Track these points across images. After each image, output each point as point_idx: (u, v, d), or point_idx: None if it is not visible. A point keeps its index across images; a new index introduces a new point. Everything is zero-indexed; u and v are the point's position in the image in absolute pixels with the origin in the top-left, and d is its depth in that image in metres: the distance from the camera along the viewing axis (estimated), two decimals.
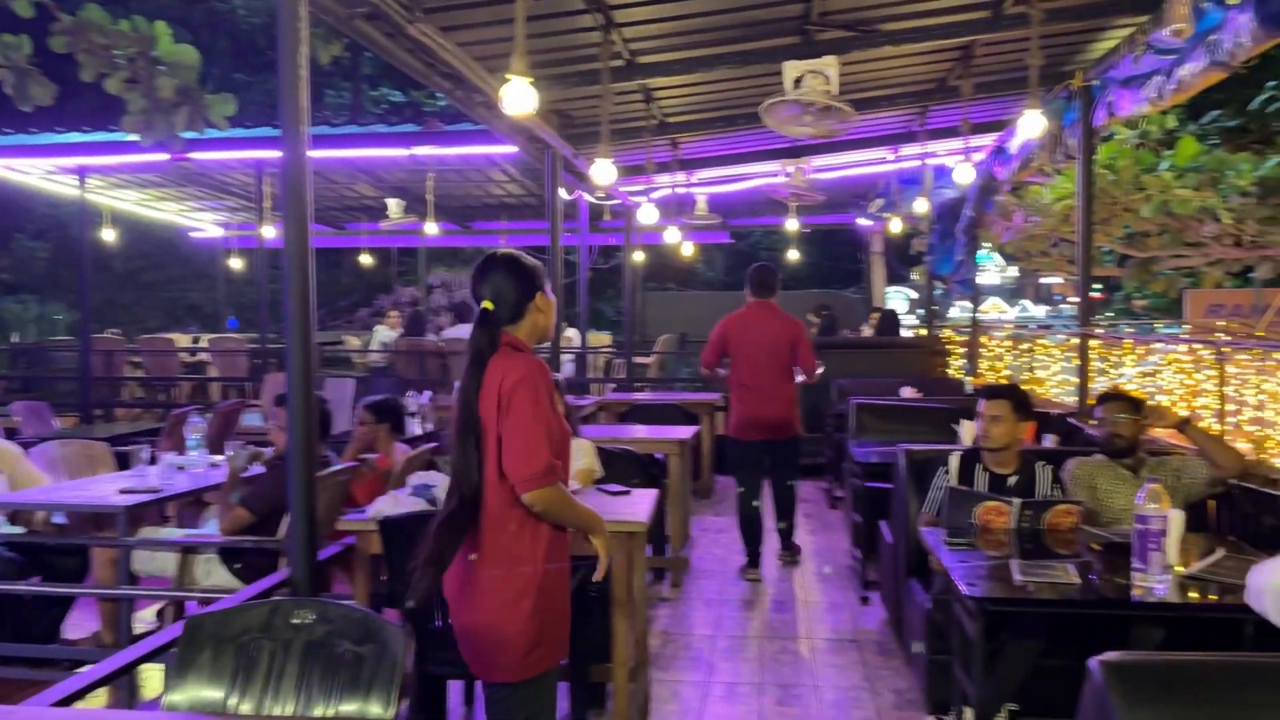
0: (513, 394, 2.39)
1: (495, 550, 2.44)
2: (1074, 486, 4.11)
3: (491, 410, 2.40)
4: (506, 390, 2.40)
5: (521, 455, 2.37)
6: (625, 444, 5.74)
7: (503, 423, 2.39)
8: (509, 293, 2.54)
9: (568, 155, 7.10)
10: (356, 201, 14.28)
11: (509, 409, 2.39)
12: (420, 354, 10.99)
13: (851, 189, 12.87)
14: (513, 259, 2.59)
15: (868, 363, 9.95)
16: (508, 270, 2.56)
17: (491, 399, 2.40)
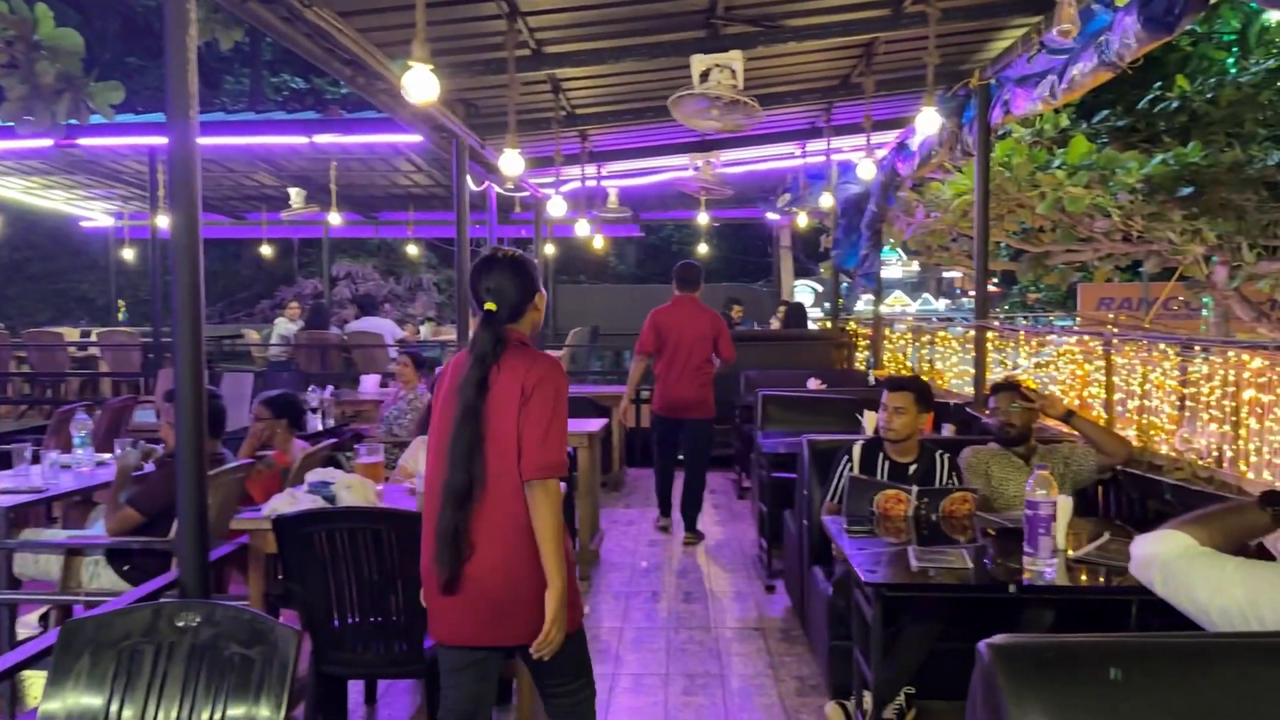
0: (536, 389, 2.51)
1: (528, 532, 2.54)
2: (969, 474, 4.23)
3: (513, 404, 2.50)
4: (530, 385, 2.51)
5: (540, 444, 2.49)
6: None
7: (527, 415, 2.49)
8: (511, 292, 2.61)
9: (475, 145, 7.00)
10: (256, 191, 13.87)
11: (531, 401, 2.50)
12: (323, 347, 10.73)
13: (760, 184, 13.04)
14: (515, 260, 2.66)
15: (775, 355, 10.08)
16: (511, 270, 2.63)
17: (514, 393, 2.51)
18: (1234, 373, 4.27)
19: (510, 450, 2.49)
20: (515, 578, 2.54)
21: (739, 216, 16.10)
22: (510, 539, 2.52)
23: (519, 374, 2.52)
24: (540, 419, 2.49)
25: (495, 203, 10.41)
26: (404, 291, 18.36)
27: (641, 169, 10.31)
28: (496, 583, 2.53)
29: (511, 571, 2.53)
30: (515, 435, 2.49)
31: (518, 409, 2.49)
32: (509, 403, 2.50)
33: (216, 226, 16.56)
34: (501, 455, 2.50)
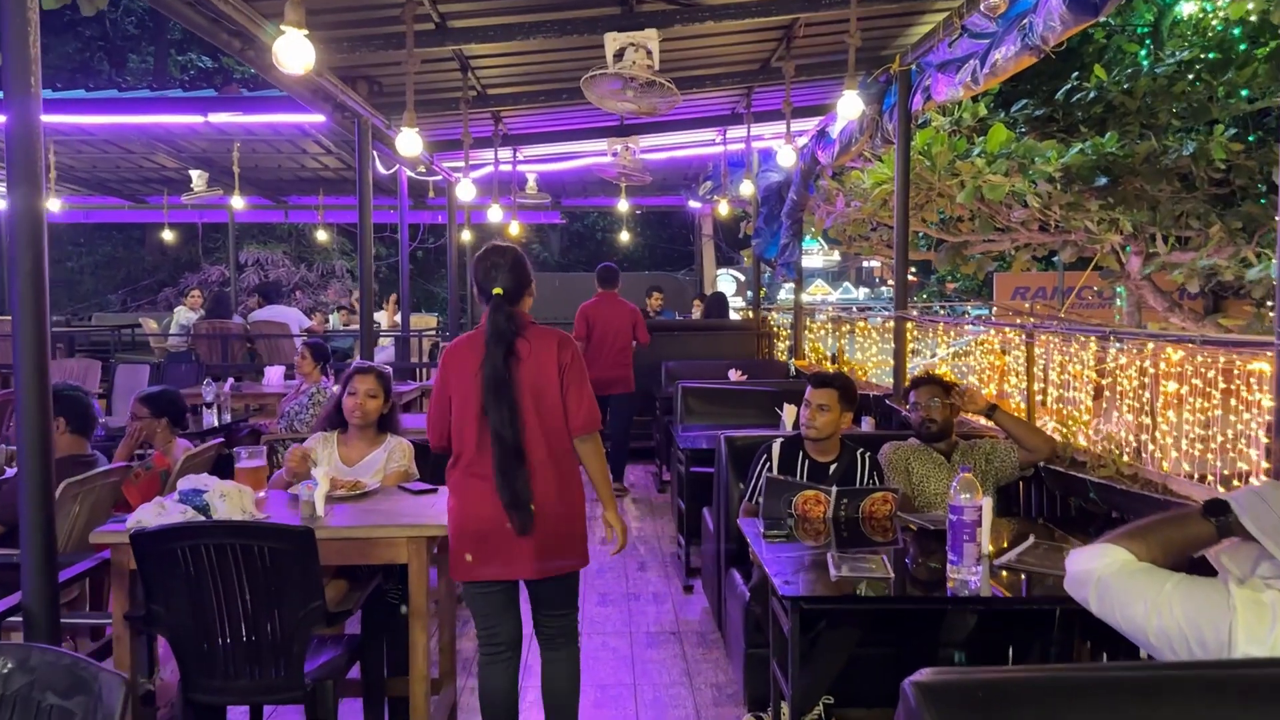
0: (572, 363, 3.10)
1: (571, 476, 3.14)
2: (889, 471, 4.08)
3: (554, 375, 3.06)
4: (566, 360, 3.09)
5: (586, 408, 3.11)
6: None
7: (569, 384, 3.08)
8: (512, 280, 3.11)
9: (379, 125, 6.64)
10: (156, 173, 13.18)
11: (569, 373, 3.09)
12: (224, 337, 10.22)
13: (682, 171, 12.84)
14: (519, 252, 3.20)
15: (696, 345, 9.92)
16: (512, 261, 3.14)
17: (552, 366, 3.06)
18: (1151, 365, 4.20)
19: (557, 412, 3.07)
20: (570, 517, 3.12)
21: (661, 204, 15.90)
22: (561, 487, 3.09)
23: (553, 350, 3.09)
24: (582, 388, 3.11)
25: (407, 187, 10.02)
26: (316, 279, 17.75)
27: (559, 154, 10.02)
28: (557, 522, 3.07)
29: (567, 512, 3.11)
30: (560, 400, 3.07)
31: (559, 379, 3.07)
32: (549, 373, 3.06)
33: (116, 210, 15.81)
34: (550, 417, 3.07)
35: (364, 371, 4.12)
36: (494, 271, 3.11)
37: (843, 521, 3.60)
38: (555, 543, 3.08)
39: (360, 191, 6.19)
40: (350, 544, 3.21)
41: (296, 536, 2.86)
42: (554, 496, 3.06)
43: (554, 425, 3.08)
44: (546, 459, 3.06)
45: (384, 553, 3.22)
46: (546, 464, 3.06)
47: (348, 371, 4.18)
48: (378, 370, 4.15)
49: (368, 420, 4.11)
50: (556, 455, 3.09)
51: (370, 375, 4.10)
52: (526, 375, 3.03)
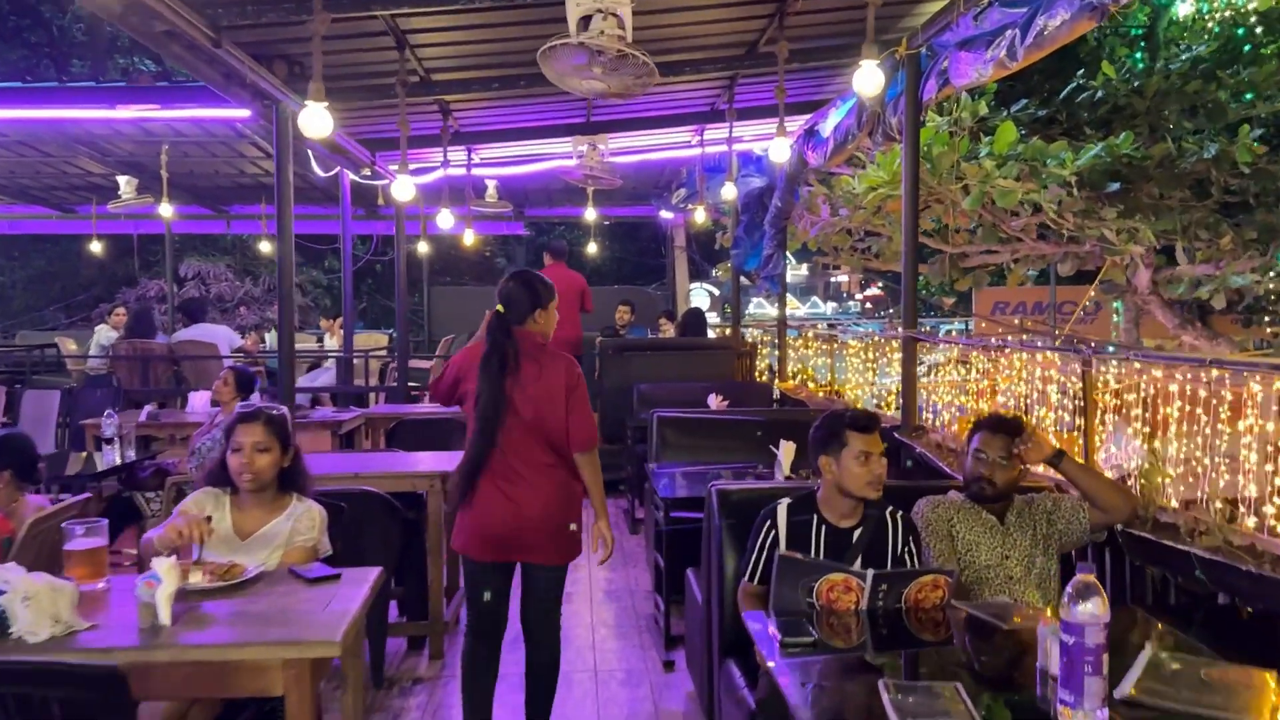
0: (577, 385, 3.48)
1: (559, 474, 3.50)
2: (928, 537, 3.21)
3: (561, 394, 3.44)
4: (573, 382, 3.47)
5: (587, 428, 3.49)
6: (368, 481, 4.49)
7: (573, 403, 3.45)
8: (516, 300, 3.46)
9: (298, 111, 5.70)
10: (82, 179, 12.13)
11: (575, 395, 3.46)
12: (145, 359, 9.19)
13: (654, 178, 11.99)
14: (527, 276, 3.53)
15: (671, 366, 9.03)
16: (521, 284, 3.49)
17: (560, 385, 3.45)
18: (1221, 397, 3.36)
19: (560, 427, 3.44)
20: (552, 515, 3.47)
21: (631, 215, 15.03)
22: (551, 488, 3.46)
23: (562, 372, 3.46)
24: (584, 410, 3.47)
25: (349, 192, 9.07)
26: (262, 294, 16.66)
27: (519, 155, 9.10)
28: (542, 517, 3.45)
29: (550, 511, 3.46)
30: (564, 416, 3.43)
31: (565, 398, 3.43)
32: (557, 392, 3.43)
33: (43, 220, 14.67)
34: (553, 431, 3.44)
35: (249, 419, 3.19)
36: (503, 288, 3.49)
37: (881, 615, 2.72)
38: (547, 539, 3.47)
39: (279, 190, 5.26)
40: (200, 670, 2.28)
41: (98, 681, 1.93)
42: (552, 497, 3.46)
43: (555, 438, 3.45)
44: (528, 466, 3.44)
45: (249, 682, 2.29)
46: (539, 472, 3.45)
47: (228, 420, 3.26)
48: (267, 415, 3.23)
49: (261, 482, 3.19)
50: (539, 465, 3.44)
51: (258, 423, 3.18)
52: (536, 393, 3.40)
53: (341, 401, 9.27)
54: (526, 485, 3.42)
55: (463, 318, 14.00)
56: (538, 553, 3.48)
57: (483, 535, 3.45)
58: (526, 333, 3.45)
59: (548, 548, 3.48)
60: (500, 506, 3.42)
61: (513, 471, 3.41)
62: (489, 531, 3.44)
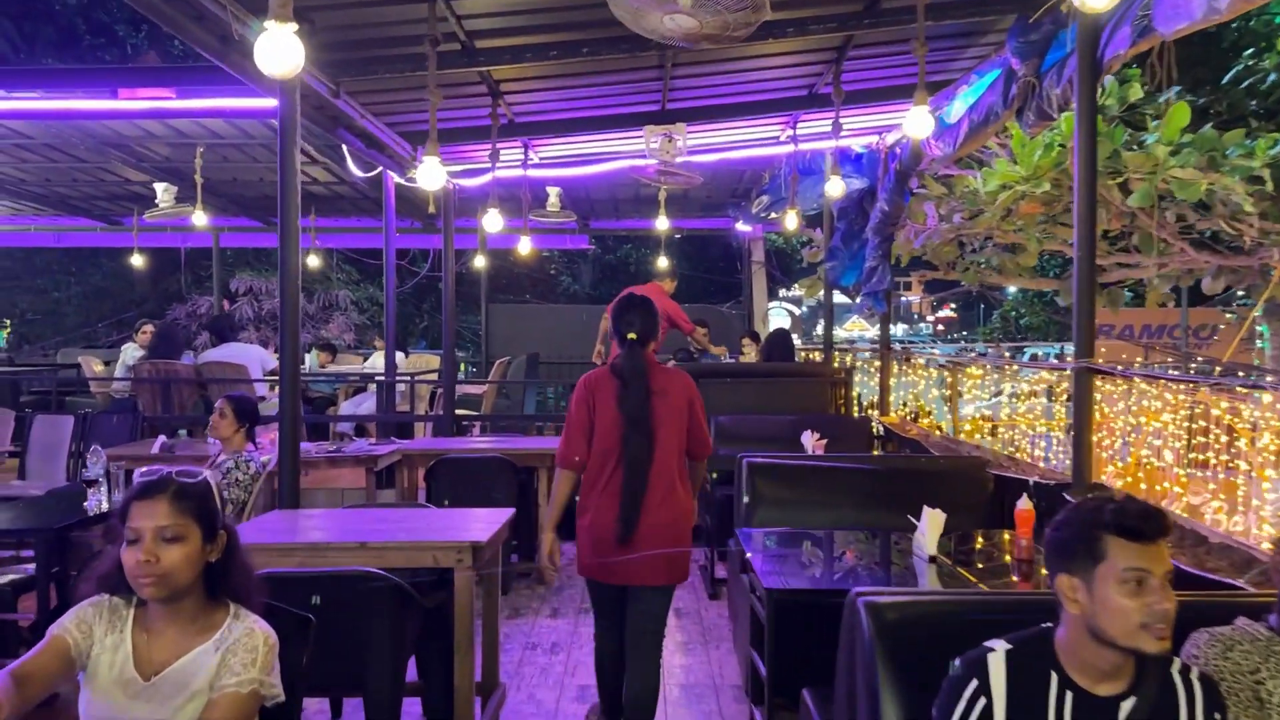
0: (695, 400, 3.72)
1: (684, 494, 3.67)
2: (1231, 700, 1.97)
3: (684, 410, 3.65)
4: (693, 398, 3.71)
5: (706, 436, 3.75)
6: (375, 555, 3.38)
7: (695, 418, 3.70)
8: (643, 326, 3.68)
9: (321, 91, 4.66)
10: (121, 188, 11.40)
11: (694, 409, 3.70)
12: (167, 381, 8.27)
13: (729, 185, 10.83)
14: (649, 302, 3.77)
15: (753, 396, 7.82)
16: (643, 310, 3.72)
17: (684, 402, 3.65)
18: None
19: (680, 441, 3.64)
20: (678, 536, 3.62)
21: (705, 227, 13.90)
22: (675, 505, 3.62)
23: (684, 391, 3.68)
24: (702, 422, 3.74)
25: (394, 196, 8.06)
26: (316, 311, 15.85)
27: (582, 155, 7.99)
28: (667, 535, 3.56)
29: (675, 531, 3.61)
30: (685, 431, 3.65)
31: (687, 413, 3.66)
32: (680, 409, 3.64)
33: (89, 233, 14.06)
34: (673, 446, 3.61)
35: (149, 492, 2.10)
36: (629, 315, 3.66)
37: None
38: (660, 561, 3.56)
39: (282, 192, 4.19)
40: None
41: None
42: (668, 516, 3.56)
43: (674, 459, 3.60)
44: (665, 483, 3.56)
45: None
46: (665, 487, 3.56)
47: (124, 497, 2.16)
48: (178, 486, 2.12)
49: (169, 588, 2.09)
50: (671, 485, 3.58)
51: (162, 499, 2.09)
52: (661, 409, 3.56)
53: (385, 432, 8.24)
54: (659, 505, 3.54)
55: (522, 338, 12.96)
56: (658, 574, 3.57)
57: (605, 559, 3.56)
58: (649, 355, 3.66)
59: (666, 568, 3.58)
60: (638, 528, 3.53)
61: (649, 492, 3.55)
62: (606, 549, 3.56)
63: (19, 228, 13.54)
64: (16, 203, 12.26)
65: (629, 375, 3.54)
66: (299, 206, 4.34)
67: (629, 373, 3.55)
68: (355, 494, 7.38)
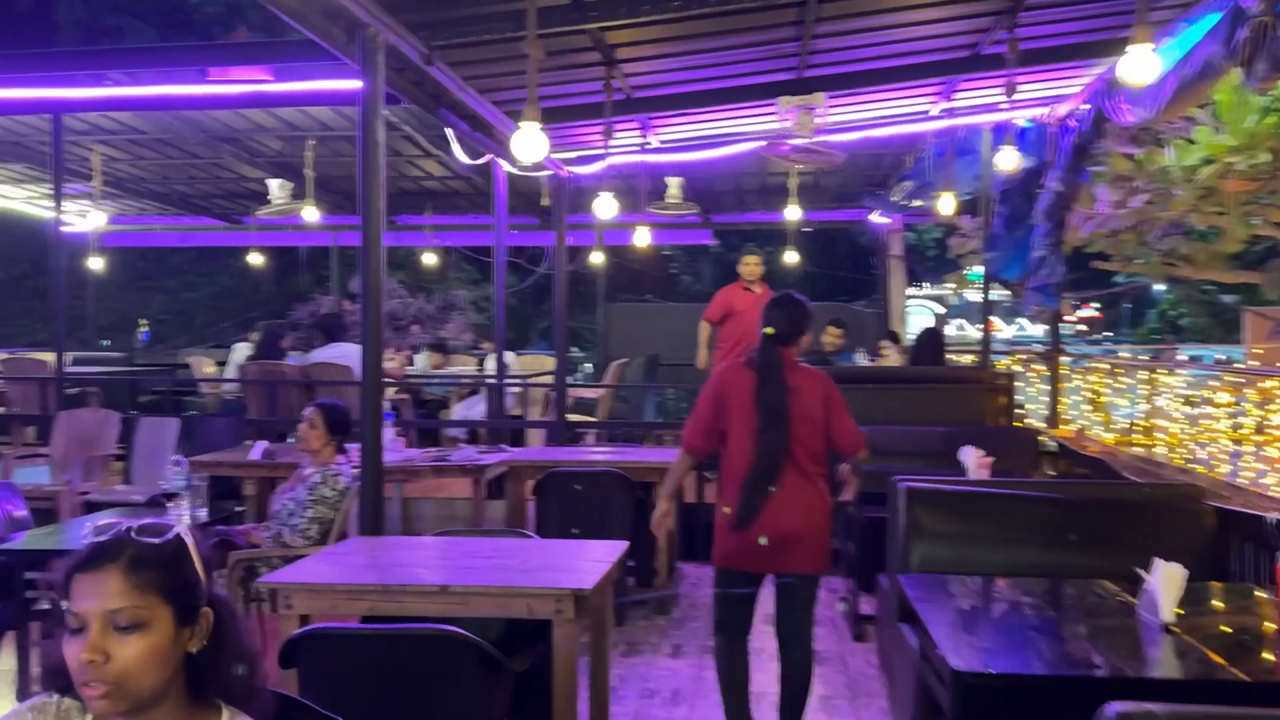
0: (834, 397, 3.66)
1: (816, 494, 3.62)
2: None
3: (821, 408, 3.60)
4: (831, 396, 3.65)
5: (852, 429, 3.69)
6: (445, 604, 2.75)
7: (836, 416, 3.64)
8: (785, 324, 3.65)
9: (410, 54, 4.08)
10: (238, 185, 11.28)
11: (833, 407, 3.63)
12: (272, 383, 7.94)
13: (865, 172, 9.93)
14: (799, 301, 3.74)
15: (898, 403, 6.95)
16: (788, 307, 3.70)
17: (820, 399, 3.61)
18: None
19: (816, 439, 3.61)
20: (810, 528, 3.59)
21: (834, 219, 12.99)
22: (814, 499, 3.60)
23: (820, 388, 3.64)
24: (846, 417, 3.67)
25: (504, 188, 7.51)
26: (435, 311, 15.59)
27: (706, 137, 7.24)
28: (798, 526, 3.55)
29: (807, 523, 3.57)
30: (821, 428, 3.60)
31: (824, 411, 3.61)
32: (817, 406, 3.59)
33: (210, 232, 14.10)
34: (809, 442, 3.58)
35: (93, 563, 1.47)
36: (773, 312, 3.67)
37: None
38: (794, 548, 3.54)
39: (363, 174, 3.62)
40: None
41: None
42: (799, 508, 3.54)
43: (811, 450, 3.58)
44: (798, 477, 3.55)
45: None
46: (797, 482, 3.55)
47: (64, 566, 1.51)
48: (134, 551, 1.48)
49: (132, 697, 1.45)
50: (807, 475, 3.57)
51: (113, 571, 1.46)
52: (795, 406, 3.53)
53: (495, 438, 7.70)
54: (790, 497, 3.53)
55: (642, 339, 12.31)
56: (799, 563, 3.58)
57: (743, 546, 3.55)
58: (790, 353, 3.63)
59: (808, 557, 3.59)
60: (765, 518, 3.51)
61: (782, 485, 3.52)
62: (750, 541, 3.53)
63: (143, 227, 13.66)
64: (140, 202, 12.33)
65: (763, 370, 3.55)
66: (382, 189, 3.77)
67: (763, 368, 3.55)
68: (465, 504, 6.90)
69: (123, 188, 11.29)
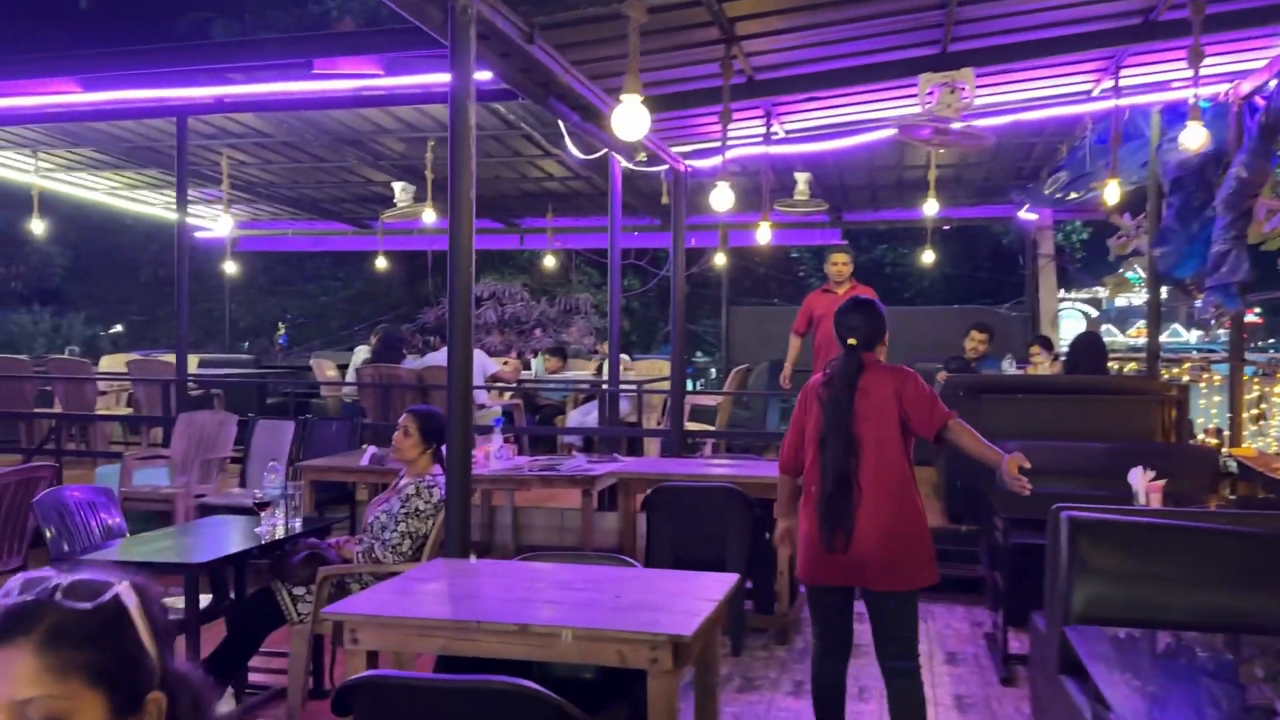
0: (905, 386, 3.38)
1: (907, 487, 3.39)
2: None
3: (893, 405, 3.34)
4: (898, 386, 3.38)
5: (930, 413, 3.35)
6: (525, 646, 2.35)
7: (909, 404, 3.35)
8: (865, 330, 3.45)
9: (510, 34, 3.73)
10: (364, 188, 11.33)
11: (905, 395, 3.36)
12: (386, 387, 7.79)
13: (1013, 162, 9.17)
14: (872, 302, 3.60)
15: (1051, 416, 6.27)
16: (866, 312, 3.50)
17: (891, 397, 3.35)
18: None
19: (893, 446, 3.34)
20: (898, 540, 3.33)
21: (976, 216, 12.18)
22: (892, 507, 3.33)
23: (890, 384, 3.38)
24: (920, 398, 3.36)
25: (619, 183, 7.14)
26: (557, 315, 15.43)
27: (836, 124, 6.69)
28: (880, 537, 3.30)
29: (888, 529, 3.31)
30: (897, 424, 3.35)
31: (896, 405, 3.35)
32: (888, 403, 3.35)
33: (340, 237, 14.31)
34: (886, 449, 3.34)
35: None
36: (851, 318, 3.46)
37: None
38: (878, 560, 3.29)
39: (454, 142, 3.29)
40: None
41: None
42: (881, 521, 3.29)
43: (888, 458, 3.33)
44: (876, 488, 3.30)
45: None
46: (876, 493, 3.30)
47: None
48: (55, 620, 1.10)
49: None
50: (887, 485, 3.32)
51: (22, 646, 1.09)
52: (864, 409, 3.33)
53: (610, 446, 7.35)
54: (870, 506, 3.32)
55: (767, 343, 11.78)
56: (885, 577, 3.34)
57: (824, 559, 3.37)
58: (872, 357, 3.46)
59: (895, 571, 3.34)
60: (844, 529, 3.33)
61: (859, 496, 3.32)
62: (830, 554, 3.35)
63: (276, 232, 13.94)
64: (272, 206, 12.57)
65: (836, 380, 3.40)
66: (472, 180, 3.43)
67: (838, 379, 3.39)
68: (576, 515, 6.58)
69: (254, 192, 11.48)
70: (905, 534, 3.36)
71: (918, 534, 3.40)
